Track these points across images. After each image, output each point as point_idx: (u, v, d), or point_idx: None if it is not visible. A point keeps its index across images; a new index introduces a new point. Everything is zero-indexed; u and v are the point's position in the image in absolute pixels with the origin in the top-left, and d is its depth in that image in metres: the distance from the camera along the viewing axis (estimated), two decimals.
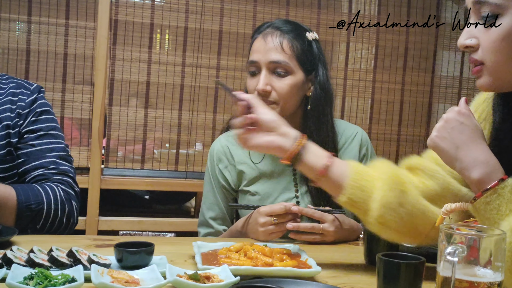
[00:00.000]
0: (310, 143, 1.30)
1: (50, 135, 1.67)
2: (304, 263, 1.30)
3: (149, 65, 2.71)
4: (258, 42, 1.74)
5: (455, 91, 3.04)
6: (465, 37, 1.13)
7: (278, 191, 1.77)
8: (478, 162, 1.09)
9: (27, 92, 1.68)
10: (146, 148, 2.75)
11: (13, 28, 2.58)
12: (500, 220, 1.05)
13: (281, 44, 1.70)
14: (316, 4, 2.86)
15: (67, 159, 1.69)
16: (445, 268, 0.92)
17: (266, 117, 1.31)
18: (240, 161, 1.81)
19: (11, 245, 1.29)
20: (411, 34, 2.97)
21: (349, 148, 1.82)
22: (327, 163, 1.27)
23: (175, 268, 1.17)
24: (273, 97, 1.70)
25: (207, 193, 1.84)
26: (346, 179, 1.26)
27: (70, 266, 1.17)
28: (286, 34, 1.71)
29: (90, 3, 2.63)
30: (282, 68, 1.69)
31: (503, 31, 1.07)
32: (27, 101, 1.66)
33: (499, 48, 1.08)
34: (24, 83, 1.72)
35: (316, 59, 1.75)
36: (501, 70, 1.10)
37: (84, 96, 2.65)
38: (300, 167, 1.31)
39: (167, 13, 2.71)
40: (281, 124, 1.31)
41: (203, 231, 1.83)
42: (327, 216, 1.63)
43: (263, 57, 1.70)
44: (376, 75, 2.96)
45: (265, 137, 1.30)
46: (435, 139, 1.15)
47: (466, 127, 1.12)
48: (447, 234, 0.94)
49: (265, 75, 1.70)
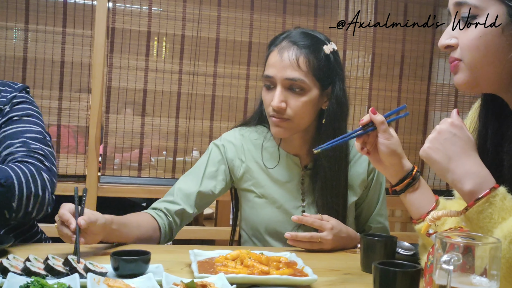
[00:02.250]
0: (422, 180, 1.36)
1: (23, 120, 1.59)
2: (301, 271, 1.29)
3: (146, 73, 2.72)
4: (274, 56, 1.68)
5: (451, 99, 3.05)
6: (445, 38, 1.17)
7: (284, 198, 1.77)
8: (470, 173, 1.10)
9: (10, 90, 1.65)
10: (143, 155, 2.75)
11: (10, 36, 2.58)
12: (493, 228, 1.06)
13: (297, 61, 1.64)
14: (313, 12, 2.88)
15: (41, 141, 1.59)
16: (441, 276, 0.92)
17: (382, 149, 1.36)
18: (251, 159, 1.79)
19: (7, 254, 1.29)
20: (408, 42, 2.98)
21: (359, 161, 1.81)
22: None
23: (171, 276, 1.17)
24: (288, 114, 1.66)
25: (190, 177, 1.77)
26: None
27: (66, 275, 1.17)
28: (303, 49, 1.66)
29: (87, 11, 2.63)
30: (297, 85, 1.65)
31: (479, 30, 1.12)
32: (8, 97, 1.63)
33: (475, 46, 1.12)
34: (10, 83, 1.68)
35: (333, 73, 1.70)
36: (477, 67, 1.14)
37: (81, 104, 2.65)
38: (404, 200, 1.36)
39: (164, 21, 2.72)
40: (396, 155, 1.36)
41: (162, 204, 1.72)
42: (326, 224, 1.63)
43: (278, 73, 1.65)
44: (373, 83, 2.97)
45: (378, 156, 1.38)
46: (427, 150, 1.16)
47: (459, 138, 1.14)
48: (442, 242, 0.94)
49: (280, 91, 1.66)
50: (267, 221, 1.76)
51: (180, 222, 1.73)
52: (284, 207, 1.76)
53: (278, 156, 1.78)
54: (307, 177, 1.78)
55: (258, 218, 1.78)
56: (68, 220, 1.36)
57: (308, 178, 1.77)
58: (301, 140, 1.77)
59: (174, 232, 1.73)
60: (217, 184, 1.77)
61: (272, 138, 1.80)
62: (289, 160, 1.78)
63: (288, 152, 1.78)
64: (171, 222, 1.70)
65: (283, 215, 1.75)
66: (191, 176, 1.78)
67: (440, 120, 1.19)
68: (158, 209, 1.71)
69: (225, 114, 2.81)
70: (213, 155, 1.80)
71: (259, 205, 1.77)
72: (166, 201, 1.73)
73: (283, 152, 1.78)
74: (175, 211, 1.71)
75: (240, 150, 1.80)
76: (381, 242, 1.46)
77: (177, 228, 1.73)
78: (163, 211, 1.70)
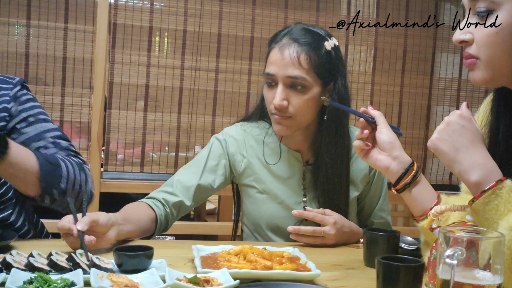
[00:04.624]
0: (422, 176, 1.34)
1: (40, 120, 1.62)
2: (304, 266, 1.30)
3: (148, 68, 2.71)
4: (274, 54, 1.67)
5: (453, 93, 3.04)
6: (460, 33, 1.16)
7: (286, 194, 1.77)
8: (477, 165, 1.10)
9: (9, 86, 1.62)
10: (145, 151, 2.75)
11: (12, 32, 2.58)
12: (499, 219, 1.06)
13: (298, 58, 1.63)
14: (315, 6, 2.87)
15: (65, 138, 1.66)
16: (444, 271, 0.92)
17: (382, 137, 1.35)
18: (253, 155, 1.79)
19: (11, 249, 1.29)
20: (410, 36, 2.97)
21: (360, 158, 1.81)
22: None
23: (174, 271, 1.17)
24: (290, 112, 1.65)
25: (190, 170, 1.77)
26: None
27: (69, 270, 1.17)
28: (304, 46, 1.64)
29: (89, 6, 2.63)
30: (299, 83, 1.64)
31: (497, 26, 1.10)
32: (10, 94, 1.60)
33: (493, 42, 1.11)
34: (5, 78, 1.65)
35: (335, 69, 1.69)
36: (495, 64, 1.13)
37: (83, 100, 2.65)
38: (405, 197, 1.34)
39: (166, 16, 2.71)
40: (396, 147, 1.35)
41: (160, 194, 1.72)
42: (328, 219, 1.63)
43: (280, 71, 1.64)
44: (375, 78, 2.96)
45: (376, 155, 1.37)
46: (435, 141, 1.16)
47: (467, 130, 1.13)
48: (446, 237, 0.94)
49: (282, 89, 1.64)
50: (268, 217, 1.76)
51: (176, 214, 1.72)
52: (285, 203, 1.76)
53: (280, 152, 1.78)
54: (308, 172, 1.78)
55: (259, 213, 1.78)
56: (69, 228, 1.34)
57: (310, 173, 1.77)
58: (302, 136, 1.77)
59: (170, 223, 1.72)
60: (216, 178, 1.77)
61: (273, 133, 1.80)
62: (290, 156, 1.78)
63: (289, 148, 1.78)
64: (168, 213, 1.69)
65: (284, 211, 1.75)
66: (191, 168, 1.78)
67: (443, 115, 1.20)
68: (156, 199, 1.70)
69: (227, 110, 2.81)
70: (214, 149, 1.80)
71: (261, 201, 1.77)
72: (164, 192, 1.72)
73: (285, 148, 1.78)
74: (173, 203, 1.70)
75: (242, 145, 1.80)
76: (384, 237, 1.46)
77: (172, 220, 1.73)
78: (161, 202, 1.69)
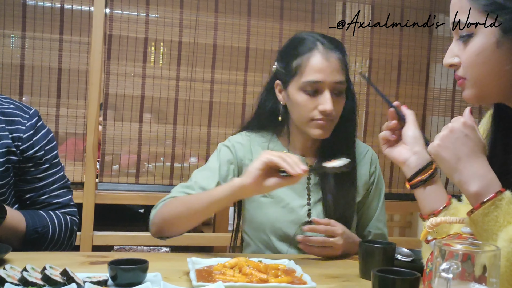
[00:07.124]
0: (438, 178, 1.29)
1: (54, 165, 1.73)
2: (299, 279, 1.29)
3: (144, 79, 2.71)
4: (318, 60, 1.66)
5: (448, 104, 3.05)
6: (448, 56, 1.20)
7: (290, 197, 1.76)
8: (477, 175, 1.10)
9: (26, 117, 1.68)
10: (140, 162, 2.75)
11: (7, 44, 2.58)
12: (498, 231, 1.06)
13: (340, 64, 1.67)
14: (310, 17, 2.88)
15: (66, 185, 1.77)
16: (440, 284, 0.91)
17: (408, 132, 1.32)
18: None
19: (4, 263, 1.28)
20: (404, 47, 2.99)
21: (362, 164, 1.83)
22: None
23: (169, 285, 1.17)
24: (334, 116, 1.69)
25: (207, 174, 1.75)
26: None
27: (63, 285, 1.16)
28: (339, 51, 1.69)
29: (84, 18, 2.63)
30: (341, 88, 1.68)
31: (477, 48, 1.14)
32: (27, 125, 1.66)
33: (475, 63, 1.15)
34: (23, 106, 1.71)
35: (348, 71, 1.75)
36: (481, 82, 1.16)
37: (79, 111, 2.65)
38: (417, 194, 1.29)
39: (161, 27, 2.72)
40: (419, 143, 1.31)
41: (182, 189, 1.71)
42: (337, 230, 1.65)
43: (327, 78, 1.65)
44: (370, 88, 2.97)
45: (398, 147, 1.33)
46: (437, 148, 1.15)
47: (470, 139, 1.13)
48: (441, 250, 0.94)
49: (331, 96, 1.66)
50: (272, 221, 1.76)
51: None
52: (290, 206, 1.75)
53: None
54: (313, 175, 1.78)
55: (263, 218, 1.77)
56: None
57: (314, 176, 1.78)
58: (311, 141, 1.78)
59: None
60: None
61: (278, 140, 1.81)
62: None
63: (294, 153, 1.79)
64: None
65: (288, 214, 1.75)
66: (207, 172, 1.75)
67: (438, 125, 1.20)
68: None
69: (223, 120, 2.81)
70: (223, 156, 1.78)
71: (265, 205, 1.76)
72: (185, 193, 1.69)
73: (290, 153, 1.79)
74: None
75: (248, 151, 1.80)
76: (380, 249, 1.45)
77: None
78: None
